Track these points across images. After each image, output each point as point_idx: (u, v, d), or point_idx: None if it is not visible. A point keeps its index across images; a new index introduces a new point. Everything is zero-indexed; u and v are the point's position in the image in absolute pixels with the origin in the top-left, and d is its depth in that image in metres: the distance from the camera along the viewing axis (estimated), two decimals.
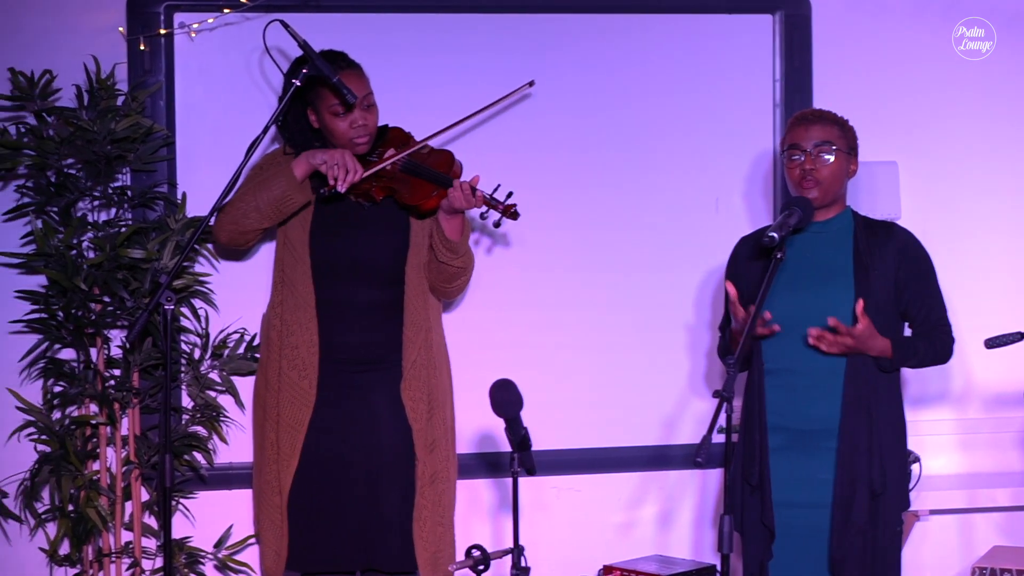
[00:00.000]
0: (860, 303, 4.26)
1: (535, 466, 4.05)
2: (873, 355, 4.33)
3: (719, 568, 4.90)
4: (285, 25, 4.41)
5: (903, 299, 4.44)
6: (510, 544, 4.18)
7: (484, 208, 4.65)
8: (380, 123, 4.82)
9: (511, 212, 4.64)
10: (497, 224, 4.73)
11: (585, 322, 5.47)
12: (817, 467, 4.37)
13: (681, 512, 5.61)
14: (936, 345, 4.45)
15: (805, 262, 4.44)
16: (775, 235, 4.06)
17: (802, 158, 4.41)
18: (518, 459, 4.02)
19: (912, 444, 4.59)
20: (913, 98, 5.66)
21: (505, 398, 4.00)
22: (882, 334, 4.33)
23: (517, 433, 4.01)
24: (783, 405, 4.41)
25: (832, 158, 4.41)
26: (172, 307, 4.18)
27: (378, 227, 4.77)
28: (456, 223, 4.72)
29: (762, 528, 4.40)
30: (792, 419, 4.40)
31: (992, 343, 4.71)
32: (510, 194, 4.65)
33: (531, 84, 4.95)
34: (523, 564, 4.08)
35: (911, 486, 4.56)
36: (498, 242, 5.36)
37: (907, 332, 4.54)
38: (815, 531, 4.38)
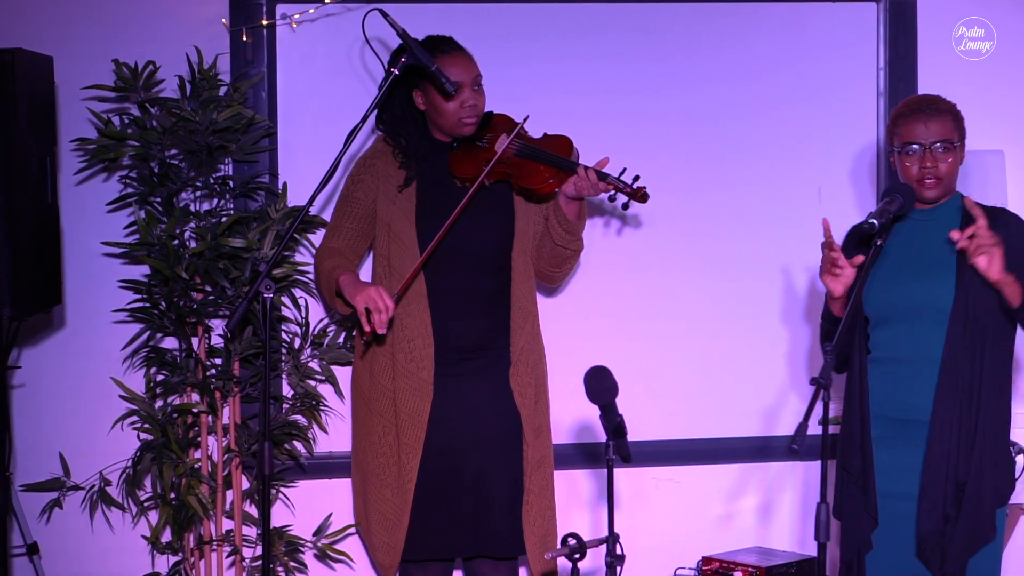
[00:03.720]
0: (954, 232, 4.10)
1: (630, 454, 3.99)
2: (995, 279, 4.07)
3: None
4: (384, 14, 4.40)
5: None
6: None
7: (612, 191, 4.64)
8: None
9: (640, 195, 4.59)
10: (626, 206, 4.67)
11: (687, 312, 5.45)
12: (911, 456, 4.30)
13: (782, 504, 5.57)
14: None
15: (910, 251, 4.34)
16: (875, 222, 4.01)
17: (920, 153, 4.28)
18: (613, 447, 3.99)
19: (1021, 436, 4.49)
20: (1021, 86, 5.57)
21: (600, 385, 3.95)
22: (985, 328, 4.23)
23: (612, 420, 3.97)
24: (884, 394, 4.35)
25: (951, 155, 4.29)
26: (271, 295, 4.15)
27: (483, 214, 4.74)
28: (576, 205, 4.71)
29: (862, 518, 4.34)
30: (892, 408, 4.34)
31: None
32: (637, 177, 4.61)
33: (526, 119, 4.79)
34: (618, 552, 4.04)
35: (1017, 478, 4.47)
36: (598, 234, 5.35)
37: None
38: (908, 521, 4.31)
